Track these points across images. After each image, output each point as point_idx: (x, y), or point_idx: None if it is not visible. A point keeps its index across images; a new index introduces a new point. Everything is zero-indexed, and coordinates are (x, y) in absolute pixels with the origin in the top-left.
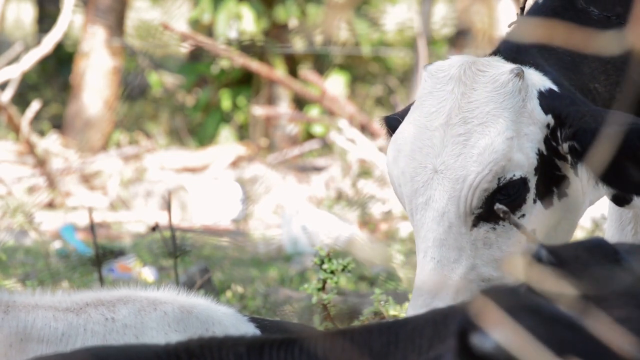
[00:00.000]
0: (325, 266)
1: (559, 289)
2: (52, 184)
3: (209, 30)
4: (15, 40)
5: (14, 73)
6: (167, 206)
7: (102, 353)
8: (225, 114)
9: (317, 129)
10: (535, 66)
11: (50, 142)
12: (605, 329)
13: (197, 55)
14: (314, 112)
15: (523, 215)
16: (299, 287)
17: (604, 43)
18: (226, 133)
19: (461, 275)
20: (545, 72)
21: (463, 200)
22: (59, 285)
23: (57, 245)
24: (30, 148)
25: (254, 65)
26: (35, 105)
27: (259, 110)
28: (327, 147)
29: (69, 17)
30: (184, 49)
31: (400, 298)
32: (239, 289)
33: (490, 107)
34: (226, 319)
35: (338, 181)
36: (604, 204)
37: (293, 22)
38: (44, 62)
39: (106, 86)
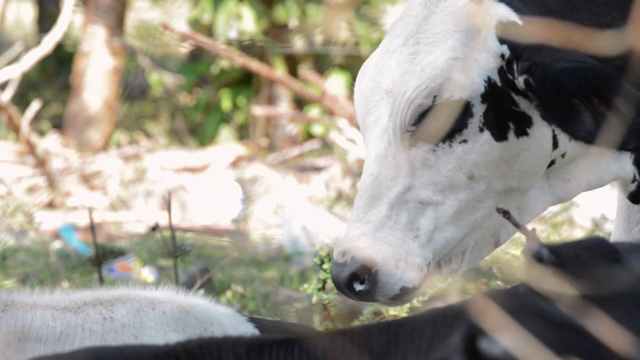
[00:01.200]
0: (325, 266)
1: (559, 288)
2: (52, 184)
3: (209, 30)
4: (15, 40)
5: (14, 73)
6: (167, 206)
7: (101, 353)
8: (225, 114)
9: (317, 129)
10: (509, 2)
11: (50, 142)
12: (607, 330)
13: (197, 55)
14: (314, 112)
15: (465, 141)
16: (299, 287)
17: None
18: (226, 133)
19: (397, 194)
20: (518, 9)
21: (399, 116)
22: (58, 285)
23: (57, 245)
24: (30, 148)
25: (254, 65)
26: (35, 105)
27: (259, 110)
28: (327, 147)
29: (69, 17)
30: (184, 49)
31: None
32: (239, 289)
33: (442, 28)
34: (225, 319)
35: (338, 181)
36: (604, 204)
37: (293, 22)
38: (44, 62)
39: (106, 86)
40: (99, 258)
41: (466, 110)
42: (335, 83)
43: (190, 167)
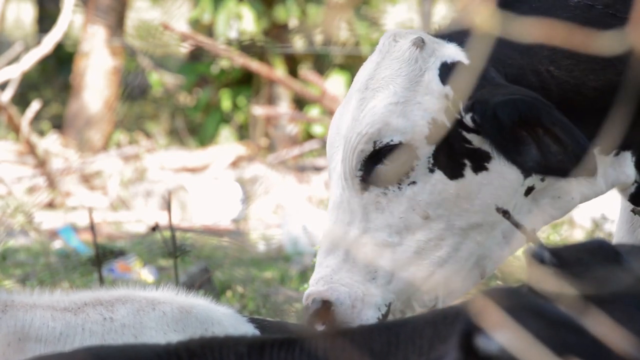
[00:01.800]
0: None
1: (560, 290)
2: (52, 184)
3: (209, 30)
4: (15, 40)
5: (14, 73)
6: (167, 206)
7: (102, 352)
8: (225, 114)
9: (317, 129)
10: (461, 43)
11: (50, 142)
12: (607, 330)
13: (197, 55)
14: (314, 112)
15: (414, 183)
16: (299, 287)
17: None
18: (226, 133)
19: (353, 239)
20: (470, 48)
21: (347, 162)
22: (58, 285)
23: (57, 245)
24: (30, 148)
25: (254, 65)
26: (35, 105)
27: (259, 110)
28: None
29: (69, 17)
30: (184, 49)
31: None
32: (239, 289)
33: (387, 73)
34: (225, 319)
35: None
36: (604, 204)
37: (293, 22)
38: (44, 62)
39: (106, 86)
40: (99, 258)
41: (410, 153)
42: (335, 83)
43: (190, 167)
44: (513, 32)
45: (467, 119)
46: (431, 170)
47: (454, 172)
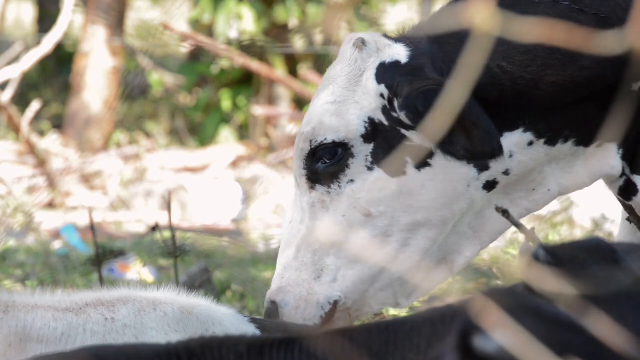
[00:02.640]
0: None
1: (556, 288)
2: (52, 184)
3: (209, 30)
4: (15, 40)
5: (14, 73)
6: (167, 206)
7: (102, 352)
8: (225, 114)
9: None
10: (410, 43)
11: (50, 142)
12: (604, 329)
13: (197, 55)
14: None
15: (352, 181)
16: None
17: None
18: (226, 133)
19: (303, 236)
20: (417, 48)
21: (294, 161)
22: (59, 285)
23: (57, 245)
24: (31, 148)
25: (254, 65)
26: (35, 105)
27: (259, 110)
28: None
29: (69, 17)
30: (184, 49)
31: None
32: (239, 289)
33: (332, 73)
34: (226, 320)
35: None
36: (604, 204)
37: (293, 22)
38: (44, 62)
39: (106, 86)
40: (99, 258)
41: (345, 151)
42: None
43: (190, 167)
44: (470, 28)
45: (403, 117)
46: (370, 169)
47: (395, 170)
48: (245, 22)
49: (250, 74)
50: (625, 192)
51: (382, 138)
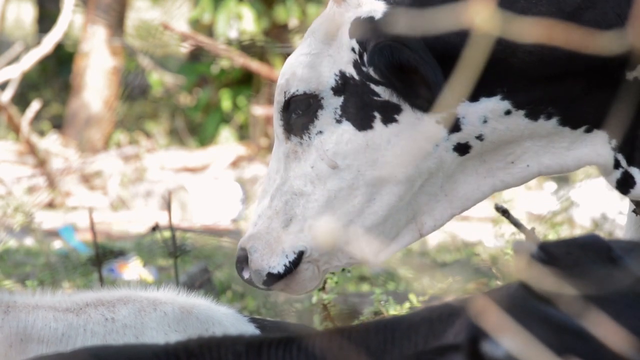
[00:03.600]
0: None
1: (550, 286)
2: (52, 184)
3: (209, 30)
4: (15, 40)
5: (14, 73)
6: (167, 206)
7: (102, 353)
8: (225, 114)
9: None
10: (393, 1)
11: (50, 142)
12: (600, 328)
13: (197, 55)
14: None
15: (320, 132)
16: None
17: None
18: (226, 133)
19: (277, 186)
20: (396, 4)
21: (274, 113)
22: (59, 286)
23: (57, 245)
24: (30, 148)
25: (254, 65)
26: (35, 105)
27: (259, 110)
28: None
29: (69, 17)
30: (184, 49)
31: (400, 298)
32: (239, 289)
33: (312, 27)
34: (226, 319)
35: None
36: (604, 203)
37: (293, 22)
38: (44, 62)
39: (106, 86)
40: (99, 258)
41: (315, 103)
42: None
43: (190, 167)
44: None
45: (371, 71)
46: (338, 121)
47: (363, 124)
48: (245, 22)
49: (250, 74)
50: (622, 185)
51: (352, 92)
